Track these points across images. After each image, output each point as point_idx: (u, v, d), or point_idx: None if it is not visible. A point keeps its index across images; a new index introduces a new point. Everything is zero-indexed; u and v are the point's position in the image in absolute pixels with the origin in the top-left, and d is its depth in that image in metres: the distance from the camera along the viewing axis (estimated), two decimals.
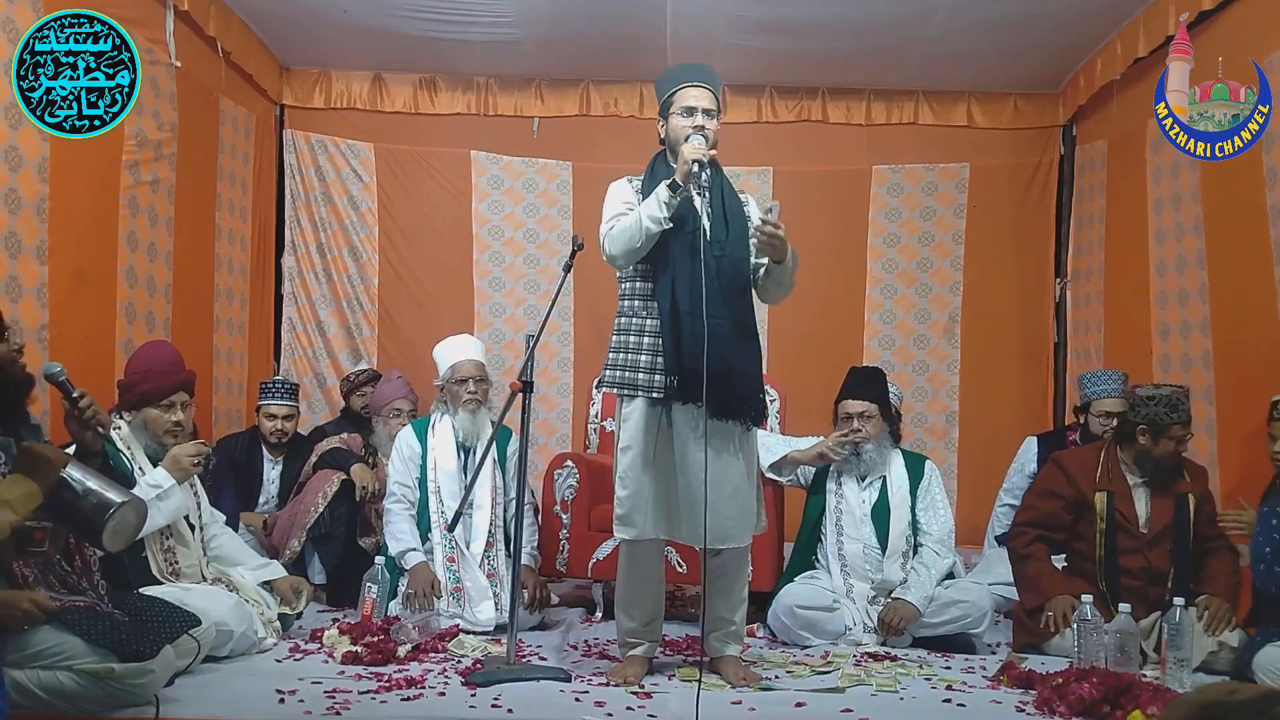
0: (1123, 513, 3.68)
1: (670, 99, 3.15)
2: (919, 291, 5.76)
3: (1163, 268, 4.59)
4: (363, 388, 5.08)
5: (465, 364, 4.08)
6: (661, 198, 2.98)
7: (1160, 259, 4.61)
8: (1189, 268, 4.37)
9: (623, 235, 3.03)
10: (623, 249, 3.04)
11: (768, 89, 5.61)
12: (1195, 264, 4.32)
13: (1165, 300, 4.58)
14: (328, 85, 5.65)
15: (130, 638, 2.66)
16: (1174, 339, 4.51)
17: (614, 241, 3.05)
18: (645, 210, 3.00)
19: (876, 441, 3.90)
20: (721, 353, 2.98)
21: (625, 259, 3.07)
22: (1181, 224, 4.42)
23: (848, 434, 3.86)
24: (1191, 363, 4.38)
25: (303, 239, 5.70)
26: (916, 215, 5.76)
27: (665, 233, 3.03)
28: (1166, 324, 4.57)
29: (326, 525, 4.22)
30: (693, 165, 2.96)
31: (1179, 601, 3.24)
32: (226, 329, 5.04)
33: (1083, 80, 5.29)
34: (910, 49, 5.12)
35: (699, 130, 3.06)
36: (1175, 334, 4.50)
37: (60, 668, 2.58)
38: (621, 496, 3.16)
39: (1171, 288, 4.53)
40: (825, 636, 3.72)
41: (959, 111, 5.68)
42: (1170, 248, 4.52)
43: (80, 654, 2.59)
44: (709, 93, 3.15)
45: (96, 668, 2.59)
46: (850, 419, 3.90)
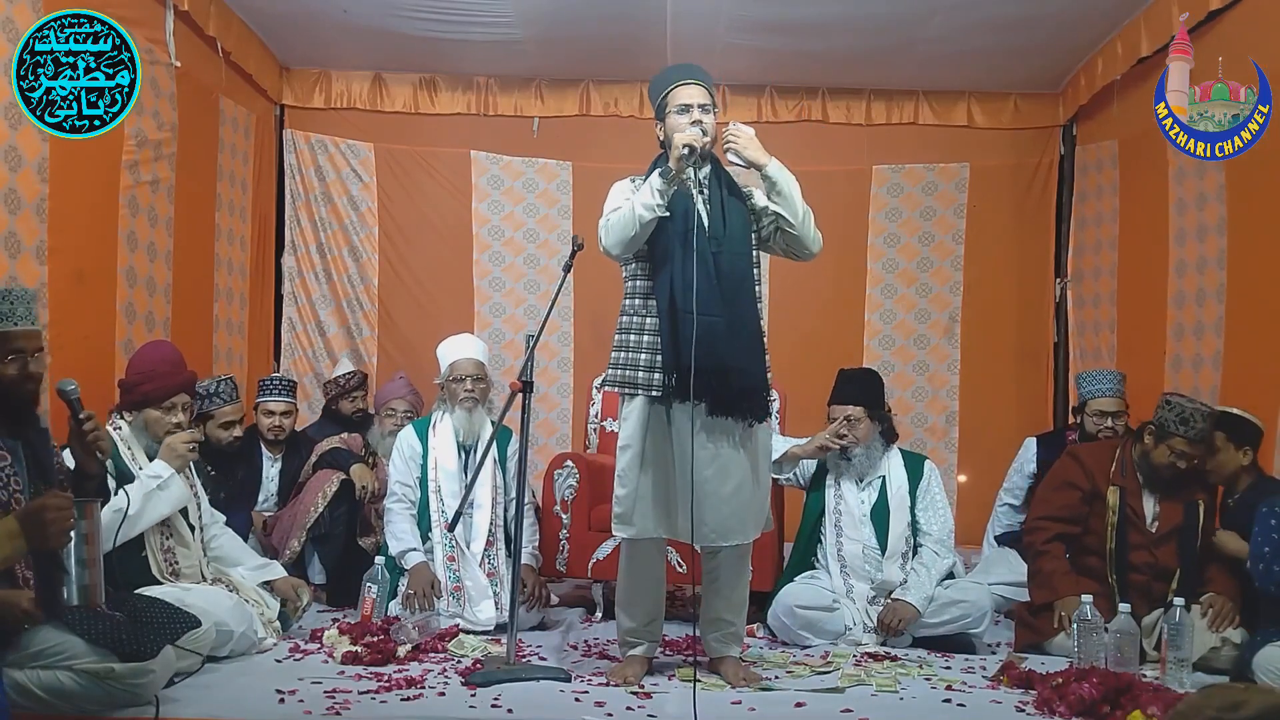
0: (1133, 508, 3.69)
1: (665, 99, 3.15)
2: (919, 291, 5.76)
3: (1182, 268, 4.56)
4: (354, 392, 5.00)
5: (464, 362, 4.09)
6: (655, 185, 2.98)
7: (1180, 259, 4.58)
8: (1209, 268, 4.35)
9: (617, 225, 3.03)
10: (617, 239, 3.04)
11: (768, 89, 5.61)
12: (1216, 264, 4.30)
13: (1183, 301, 4.55)
14: (328, 85, 5.65)
15: (130, 638, 2.66)
16: (1188, 339, 4.50)
17: (609, 232, 3.06)
18: (639, 198, 3.01)
19: (865, 444, 3.89)
20: (719, 349, 2.98)
21: (620, 249, 3.06)
22: (1204, 224, 4.39)
23: (843, 422, 3.86)
24: (1202, 362, 4.37)
25: (303, 239, 5.71)
26: (917, 215, 5.76)
27: (664, 230, 3.03)
28: (1182, 324, 4.55)
29: (326, 525, 4.21)
30: (683, 149, 2.96)
31: (1179, 601, 3.24)
32: (226, 329, 5.04)
33: (1083, 80, 5.29)
34: (910, 49, 5.12)
35: (696, 124, 3.06)
36: (1189, 334, 4.49)
37: (60, 667, 2.58)
38: (620, 495, 3.17)
39: (1190, 288, 4.51)
40: (825, 637, 3.72)
41: (959, 111, 5.68)
42: (1192, 248, 4.49)
43: (81, 654, 2.60)
44: (703, 89, 3.15)
45: (97, 668, 2.60)
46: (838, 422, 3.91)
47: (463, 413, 4.03)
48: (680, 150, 2.96)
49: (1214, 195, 4.32)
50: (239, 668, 3.17)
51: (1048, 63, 5.32)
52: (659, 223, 3.02)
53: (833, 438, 3.85)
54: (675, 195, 3.03)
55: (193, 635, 2.95)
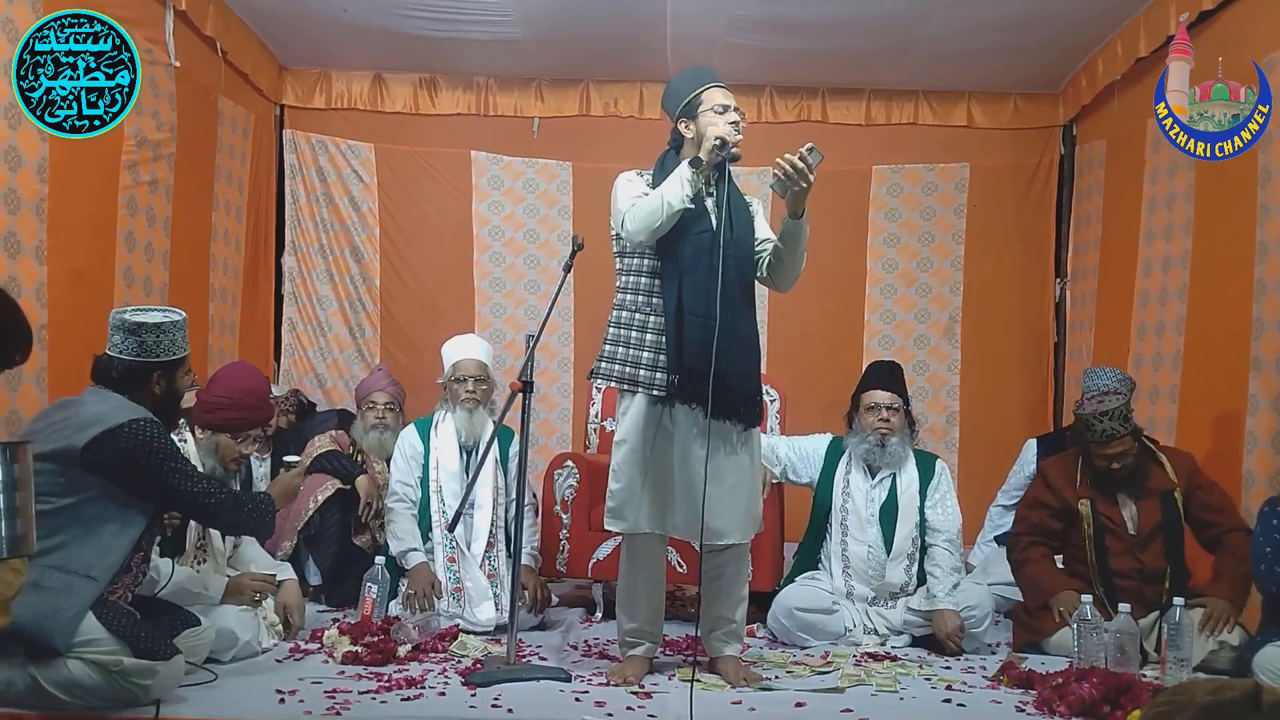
0: (1109, 516, 3.68)
1: (699, 98, 3.15)
2: (919, 291, 5.75)
3: (1149, 267, 4.60)
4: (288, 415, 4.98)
5: (466, 363, 4.09)
6: (684, 175, 3.00)
7: (1148, 259, 4.62)
8: (1173, 267, 4.38)
9: (644, 214, 3.03)
10: (644, 226, 3.03)
11: (768, 89, 5.62)
12: (1180, 264, 4.32)
13: (1147, 300, 4.59)
14: (328, 85, 5.65)
15: (146, 636, 2.70)
16: (1149, 338, 4.53)
17: (635, 219, 3.05)
18: (667, 188, 3.01)
19: (900, 435, 3.88)
20: (723, 353, 2.99)
21: (647, 236, 3.05)
22: (1173, 224, 4.42)
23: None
24: (1162, 361, 4.39)
25: (304, 239, 5.70)
26: (917, 215, 5.75)
27: (676, 230, 3.04)
28: (1145, 323, 4.59)
29: (317, 527, 4.21)
30: (716, 141, 2.97)
31: (1179, 601, 3.24)
32: (220, 329, 5.04)
33: (1083, 80, 5.29)
34: (910, 49, 5.11)
35: (734, 125, 3.08)
36: (1151, 333, 4.52)
37: (73, 655, 2.59)
38: (614, 489, 3.18)
39: (1154, 287, 4.54)
40: (824, 638, 3.72)
41: (959, 111, 5.68)
42: (1159, 247, 4.52)
43: (99, 639, 2.62)
44: (732, 95, 3.18)
45: (107, 659, 2.61)
46: (877, 409, 3.86)
47: (464, 413, 4.04)
48: (714, 142, 2.98)
49: (1183, 195, 4.34)
50: (239, 668, 3.17)
51: (1048, 63, 5.32)
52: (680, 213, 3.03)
53: None
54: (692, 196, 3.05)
55: (192, 633, 2.97)
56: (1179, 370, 4.26)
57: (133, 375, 2.84)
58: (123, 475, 2.72)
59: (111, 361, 2.85)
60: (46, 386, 3.53)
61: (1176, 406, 4.25)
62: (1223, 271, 4.01)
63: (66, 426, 2.72)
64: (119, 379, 2.84)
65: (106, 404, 2.78)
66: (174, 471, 2.79)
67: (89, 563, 2.65)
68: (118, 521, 2.74)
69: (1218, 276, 4.06)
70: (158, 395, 2.88)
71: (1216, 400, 3.97)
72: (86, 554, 2.66)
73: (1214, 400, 3.99)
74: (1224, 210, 4.03)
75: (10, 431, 3.28)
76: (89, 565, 2.65)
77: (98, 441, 2.68)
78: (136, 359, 2.85)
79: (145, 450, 2.73)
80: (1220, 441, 3.91)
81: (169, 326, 2.89)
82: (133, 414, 2.76)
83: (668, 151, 3.23)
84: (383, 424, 4.52)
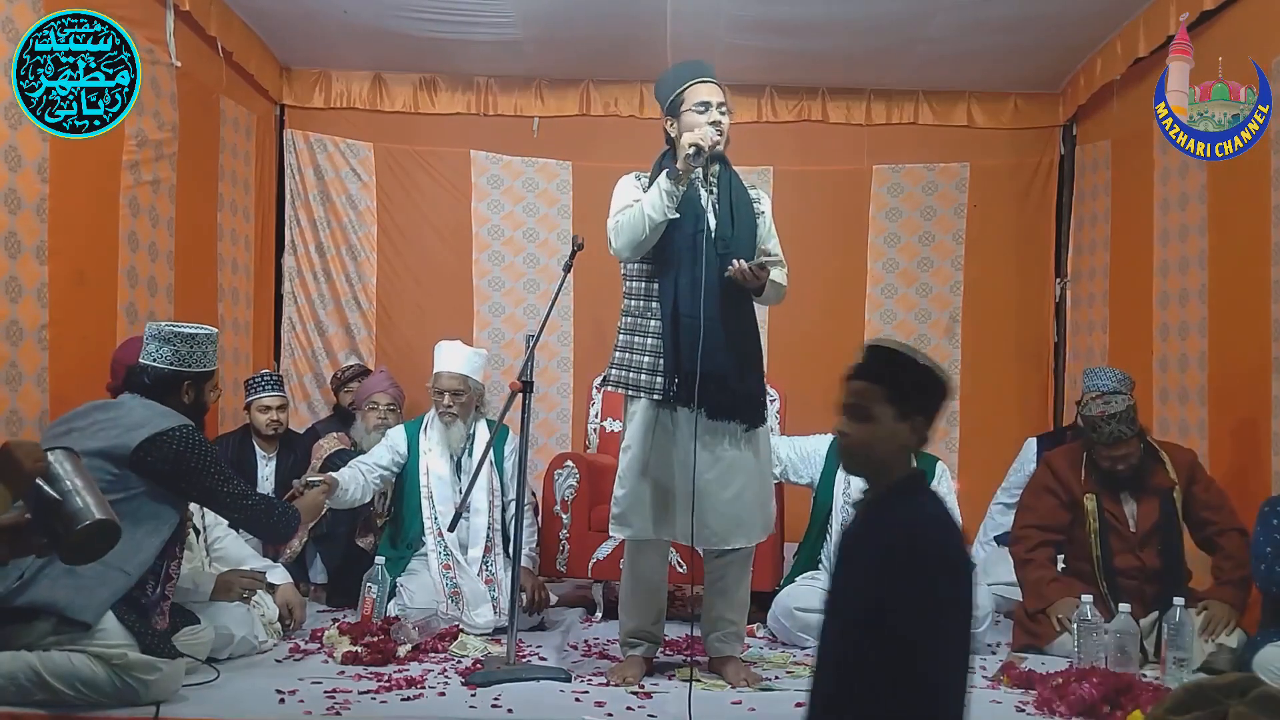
0: (1112, 512, 3.68)
1: (680, 96, 3.12)
2: (919, 291, 5.75)
3: (1165, 268, 4.59)
4: (349, 383, 5.08)
5: (444, 376, 4.08)
6: (663, 187, 2.97)
7: (1164, 259, 4.60)
8: (1191, 268, 4.37)
9: (627, 227, 3.03)
10: (627, 241, 3.03)
11: (768, 89, 5.61)
12: (1197, 264, 4.32)
13: (1167, 301, 4.57)
14: (328, 85, 5.65)
15: (154, 634, 2.73)
16: (1173, 339, 4.51)
17: (619, 234, 3.05)
18: (647, 200, 3.00)
19: None
20: (720, 354, 2.98)
21: (631, 251, 3.06)
22: (1186, 224, 4.41)
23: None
24: (1188, 363, 4.38)
25: (302, 238, 5.70)
26: (917, 215, 5.75)
27: (671, 230, 3.03)
28: (1167, 324, 4.57)
29: (328, 525, 4.22)
30: (690, 149, 2.94)
31: (1179, 601, 3.24)
32: (232, 329, 5.04)
33: (1083, 80, 5.29)
34: (910, 49, 5.11)
35: (714, 125, 3.04)
36: (1174, 335, 4.50)
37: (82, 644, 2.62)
38: (619, 495, 3.17)
39: (1174, 288, 4.53)
40: None
41: (959, 111, 5.68)
42: (1174, 248, 4.51)
43: (108, 629, 2.65)
44: (719, 88, 3.13)
45: (112, 652, 2.63)
46: None
47: (442, 425, 4.05)
48: (688, 150, 2.94)
49: (1195, 195, 4.33)
50: (239, 668, 3.17)
51: (1048, 63, 5.31)
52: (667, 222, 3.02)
53: None
54: (684, 195, 3.03)
55: (191, 631, 2.97)
56: (1205, 371, 4.24)
57: (164, 382, 2.96)
58: (170, 476, 2.84)
59: (145, 370, 2.97)
60: (47, 386, 3.53)
61: (1206, 409, 4.22)
62: (1241, 271, 4.00)
63: (115, 426, 2.83)
64: (151, 385, 2.96)
65: (151, 409, 2.91)
66: (217, 475, 2.94)
67: (124, 556, 2.68)
68: (152, 521, 2.83)
69: (1237, 276, 4.05)
70: (186, 405, 2.98)
71: (1242, 401, 3.94)
72: (122, 549, 2.64)
73: (1240, 401, 3.96)
74: (1238, 211, 4.03)
75: (11, 432, 3.28)
76: (123, 559, 2.70)
77: (150, 443, 2.80)
78: (169, 367, 2.97)
79: (194, 454, 2.87)
80: (1248, 441, 3.88)
81: (202, 339, 3.02)
82: (179, 420, 2.90)
83: (664, 152, 3.22)
84: (384, 425, 4.53)
